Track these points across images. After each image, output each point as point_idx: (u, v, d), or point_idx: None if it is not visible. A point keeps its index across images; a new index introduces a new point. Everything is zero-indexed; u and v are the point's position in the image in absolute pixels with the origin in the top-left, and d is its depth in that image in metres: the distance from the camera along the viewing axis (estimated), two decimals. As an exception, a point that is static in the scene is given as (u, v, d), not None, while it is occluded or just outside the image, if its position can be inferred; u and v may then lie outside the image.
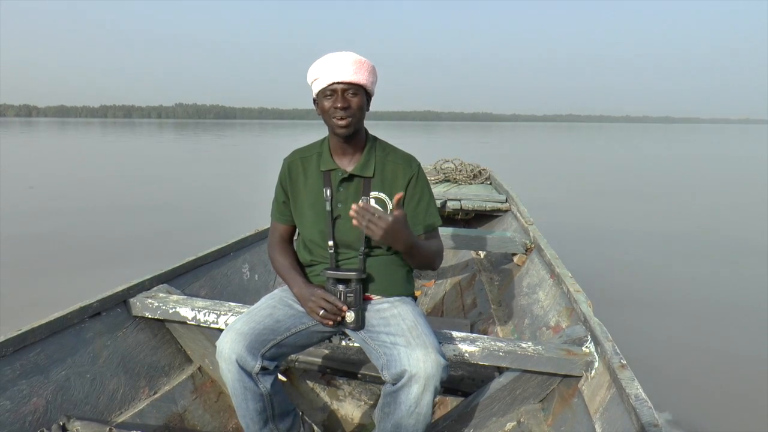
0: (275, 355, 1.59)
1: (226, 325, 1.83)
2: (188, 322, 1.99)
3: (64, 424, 1.67)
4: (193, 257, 2.49)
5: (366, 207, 1.47)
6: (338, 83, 1.57)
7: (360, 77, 1.57)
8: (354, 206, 1.48)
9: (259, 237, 3.01)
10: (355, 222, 1.48)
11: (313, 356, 2.30)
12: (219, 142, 31.78)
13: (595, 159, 21.86)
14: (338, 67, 1.55)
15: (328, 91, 1.59)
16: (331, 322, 1.61)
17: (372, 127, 1.78)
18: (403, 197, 1.55)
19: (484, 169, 5.83)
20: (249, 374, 1.54)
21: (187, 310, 1.98)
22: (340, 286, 1.62)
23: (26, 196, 9.85)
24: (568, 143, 36.02)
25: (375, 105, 1.74)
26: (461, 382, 2.18)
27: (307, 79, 1.64)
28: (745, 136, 57.85)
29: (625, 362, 1.55)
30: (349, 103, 1.58)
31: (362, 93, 1.61)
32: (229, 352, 1.51)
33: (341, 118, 1.58)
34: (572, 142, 38.28)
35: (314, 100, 1.67)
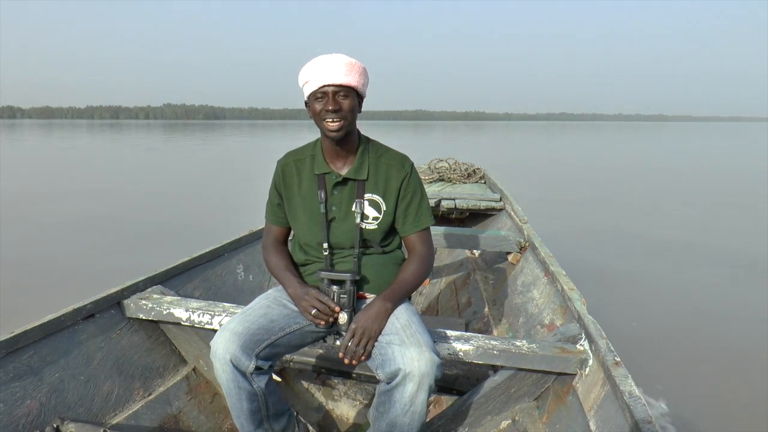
0: (269, 355, 1.59)
1: (221, 325, 1.82)
2: (182, 323, 1.99)
3: (57, 426, 1.66)
4: (187, 258, 2.49)
5: (348, 350, 1.52)
6: (329, 85, 1.56)
7: (351, 79, 1.57)
8: (341, 356, 1.53)
9: (254, 237, 3.01)
10: (346, 361, 1.52)
11: (308, 356, 2.30)
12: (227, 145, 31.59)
13: (590, 158, 21.92)
14: (329, 69, 1.55)
15: (319, 94, 1.58)
16: (322, 323, 1.61)
17: (364, 126, 1.77)
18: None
19: (478, 168, 5.85)
20: (243, 374, 1.53)
21: (182, 311, 1.98)
22: (334, 287, 1.62)
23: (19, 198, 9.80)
24: (562, 143, 36.10)
25: (367, 104, 1.74)
26: (456, 381, 2.19)
27: (299, 82, 1.63)
28: (738, 134, 58.15)
29: (619, 360, 1.56)
30: (340, 106, 1.57)
31: (353, 95, 1.60)
32: (223, 353, 1.51)
33: (333, 121, 1.58)
34: (566, 141, 38.38)
35: (306, 103, 1.66)
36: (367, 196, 1.69)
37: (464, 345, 1.73)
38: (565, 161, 20.08)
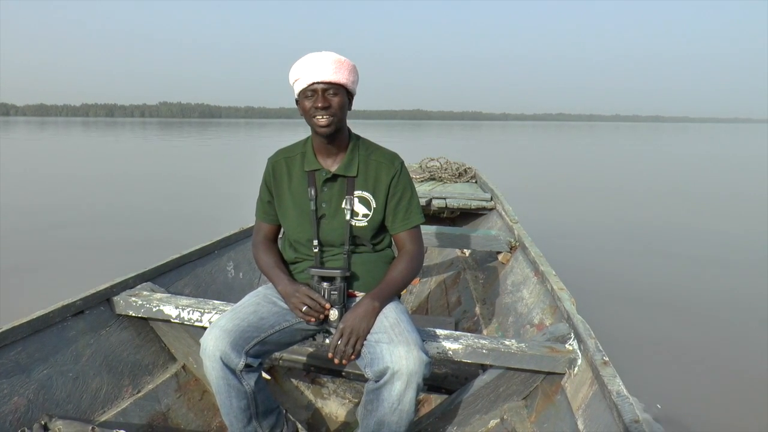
0: (259, 353, 1.59)
1: (210, 323, 1.82)
2: (172, 320, 1.98)
3: (45, 423, 1.65)
4: (178, 255, 2.48)
5: (337, 350, 1.51)
6: (318, 83, 1.57)
7: (340, 77, 1.58)
8: (330, 356, 1.53)
9: (244, 235, 3.00)
10: (336, 361, 1.52)
11: (298, 354, 2.30)
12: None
13: (586, 159, 22.02)
14: (318, 66, 1.56)
15: (309, 92, 1.59)
16: (313, 319, 1.61)
17: (360, 126, 1.77)
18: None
19: (469, 168, 5.87)
20: (233, 372, 1.53)
21: (171, 308, 1.97)
22: (325, 284, 1.63)
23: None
24: (561, 143, 36.23)
25: (364, 103, 1.75)
26: (445, 380, 2.19)
27: (289, 79, 1.64)
28: (735, 136, 58.57)
29: (607, 359, 1.57)
30: (329, 103, 1.58)
31: (343, 92, 1.61)
32: (213, 350, 1.51)
33: (322, 118, 1.59)
34: (564, 142, 38.52)
35: (296, 101, 1.67)
36: (357, 193, 1.70)
37: (453, 344, 1.74)
38: (563, 161, 20.17)
